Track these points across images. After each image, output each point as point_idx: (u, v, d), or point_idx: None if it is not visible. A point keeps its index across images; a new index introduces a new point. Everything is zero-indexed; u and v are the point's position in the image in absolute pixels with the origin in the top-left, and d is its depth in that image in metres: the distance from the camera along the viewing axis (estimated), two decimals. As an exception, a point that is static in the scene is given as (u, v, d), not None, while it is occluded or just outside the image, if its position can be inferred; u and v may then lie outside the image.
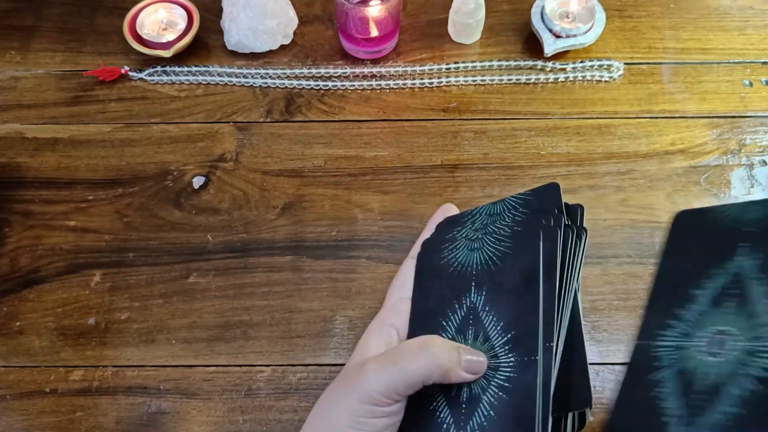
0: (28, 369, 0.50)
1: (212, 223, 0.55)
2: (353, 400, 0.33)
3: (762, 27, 0.65)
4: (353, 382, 0.34)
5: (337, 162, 0.58)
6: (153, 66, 0.62)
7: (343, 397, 0.34)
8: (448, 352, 0.33)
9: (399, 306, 0.41)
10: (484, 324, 0.36)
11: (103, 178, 0.57)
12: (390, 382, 0.33)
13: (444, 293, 0.40)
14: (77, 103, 0.61)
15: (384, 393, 0.33)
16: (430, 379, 0.34)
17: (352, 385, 0.34)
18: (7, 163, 0.58)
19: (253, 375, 0.49)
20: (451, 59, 0.63)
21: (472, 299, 0.38)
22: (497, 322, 0.36)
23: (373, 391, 0.33)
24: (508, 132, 0.59)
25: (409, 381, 0.33)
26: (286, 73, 0.62)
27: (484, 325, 0.36)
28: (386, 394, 0.33)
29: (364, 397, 0.33)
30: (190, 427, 0.47)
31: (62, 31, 0.66)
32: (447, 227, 0.45)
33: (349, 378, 0.35)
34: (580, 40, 0.61)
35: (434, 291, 0.41)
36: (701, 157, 0.57)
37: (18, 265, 0.53)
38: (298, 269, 0.53)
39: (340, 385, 0.36)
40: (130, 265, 0.53)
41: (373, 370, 0.33)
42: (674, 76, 0.62)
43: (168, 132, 0.60)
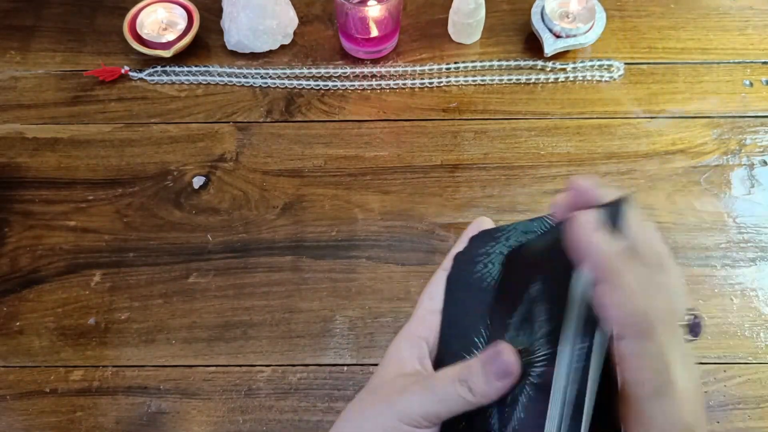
0: (28, 369, 0.50)
1: (212, 223, 0.55)
2: (391, 417, 0.33)
3: (762, 27, 0.65)
4: (393, 400, 0.34)
5: (337, 162, 0.58)
6: (153, 66, 0.62)
7: (381, 414, 0.34)
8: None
9: (429, 318, 0.40)
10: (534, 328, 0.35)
11: (103, 178, 0.57)
12: (432, 408, 0.33)
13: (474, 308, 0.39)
14: (77, 103, 0.61)
15: (425, 416, 0.33)
16: (470, 408, 0.33)
17: (392, 403, 0.34)
18: (7, 163, 0.58)
19: (253, 375, 0.49)
20: (451, 59, 0.63)
21: (531, 291, 0.36)
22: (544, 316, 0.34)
23: (414, 413, 0.33)
24: (508, 132, 0.59)
25: (451, 410, 0.33)
26: (286, 73, 0.62)
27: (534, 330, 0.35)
28: (427, 417, 0.33)
29: (404, 417, 0.33)
30: (190, 427, 0.47)
31: (62, 31, 0.66)
32: (480, 241, 0.44)
33: (387, 394, 0.35)
34: (580, 40, 0.61)
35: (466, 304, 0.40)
36: (701, 157, 0.57)
37: (18, 265, 0.53)
38: (298, 269, 0.53)
39: (376, 400, 0.36)
40: (130, 265, 0.53)
41: (416, 394, 0.34)
42: (675, 76, 0.62)
43: (168, 132, 0.60)
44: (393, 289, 0.52)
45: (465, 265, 0.43)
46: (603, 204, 0.31)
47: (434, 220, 0.55)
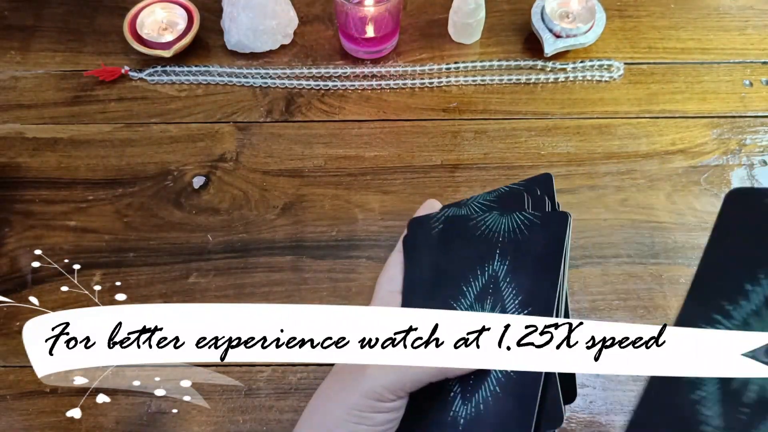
0: (28, 369, 0.50)
1: (212, 223, 0.55)
2: (355, 394, 0.33)
3: (762, 27, 0.65)
4: (355, 377, 0.34)
5: (337, 162, 0.58)
6: (153, 66, 0.62)
7: (344, 391, 0.34)
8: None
9: (390, 298, 0.40)
10: (503, 296, 0.35)
11: (103, 178, 0.57)
12: (396, 379, 0.32)
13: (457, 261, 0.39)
14: (77, 103, 0.61)
15: (389, 388, 0.32)
16: (438, 378, 0.33)
17: (355, 380, 0.34)
18: (7, 163, 0.58)
19: (253, 375, 0.49)
20: (451, 59, 0.63)
21: (495, 267, 0.36)
22: (516, 296, 0.34)
23: (378, 386, 0.32)
24: (508, 132, 0.59)
25: (416, 379, 0.33)
26: (286, 73, 0.62)
27: (503, 297, 0.35)
28: (392, 389, 0.32)
29: (368, 392, 0.33)
30: (190, 427, 0.47)
31: (62, 31, 0.66)
32: (423, 218, 0.44)
33: (349, 373, 0.35)
34: (580, 40, 0.61)
35: (424, 254, 0.40)
36: (701, 157, 0.57)
37: (18, 265, 0.53)
38: (298, 269, 0.53)
39: (338, 380, 0.36)
40: (130, 265, 0.53)
41: (378, 367, 0.33)
42: (675, 76, 0.62)
43: (168, 132, 0.60)
44: (393, 289, 0.52)
45: (418, 224, 0.43)
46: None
47: (434, 220, 0.55)
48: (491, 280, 0.36)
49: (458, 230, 0.40)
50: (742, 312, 0.25)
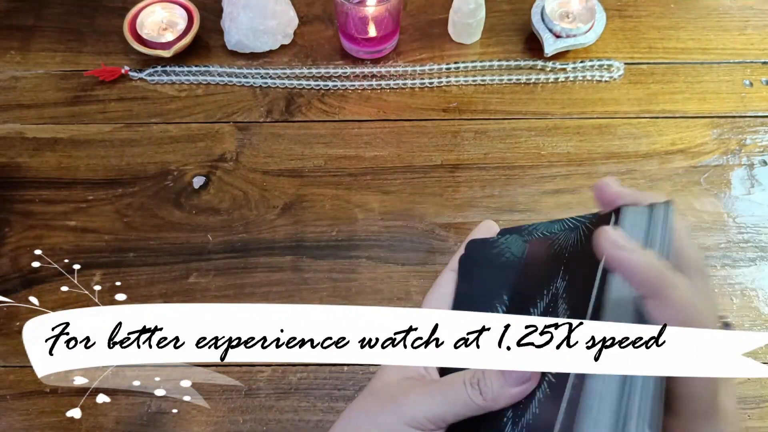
0: (28, 369, 0.50)
1: (212, 223, 0.55)
2: (396, 419, 0.33)
3: (762, 27, 0.65)
4: (397, 402, 0.34)
5: (337, 162, 0.58)
6: (153, 66, 0.62)
7: (385, 416, 0.33)
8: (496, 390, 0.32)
9: None
10: (558, 314, 0.33)
11: (103, 178, 0.57)
12: (438, 410, 0.32)
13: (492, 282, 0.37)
14: (77, 103, 0.61)
15: (431, 419, 0.32)
16: (479, 413, 0.33)
17: (397, 404, 0.33)
18: (7, 163, 0.58)
19: (253, 375, 0.49)
20: (451, 59, 0.63)
21: (557, 285, 0.34)
22: (566, 311, 0.33)
23: (420, 416, 0.32)
24: (508, 132, 0.59)
25: (458, 413, 0.33)
26: (286, 73, 0.62)
27: (558, 316, 0.33)
28: (434, 420, 0.32)
29: (409, 419, 0.32)
30: (190, 427, 0.47)
31: (62, 31, 0.66)
32: (482, 242, 0.42)
33: (391, 396, 0.35)
34: (580, 40, 0.61)
35: (482, 280, 0.38)
36: (701, 157, 0.57)
37: (18, 265, 0.53)
38: (298, 269, 0.53)
39: (377, 402, 0.35)
40: (130, 265, 0.53)
41: (422, 395, 0.33)
42: (675, 76, 0.62)
43: (168, 132, 0.60)
44: (393, 289, 0.52)
45: (481, 245, 0.41)
46: (642, 206, 0.30)
47: (434, 220, 0.55)
48: (553, 299, 0.34)
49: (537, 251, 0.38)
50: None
